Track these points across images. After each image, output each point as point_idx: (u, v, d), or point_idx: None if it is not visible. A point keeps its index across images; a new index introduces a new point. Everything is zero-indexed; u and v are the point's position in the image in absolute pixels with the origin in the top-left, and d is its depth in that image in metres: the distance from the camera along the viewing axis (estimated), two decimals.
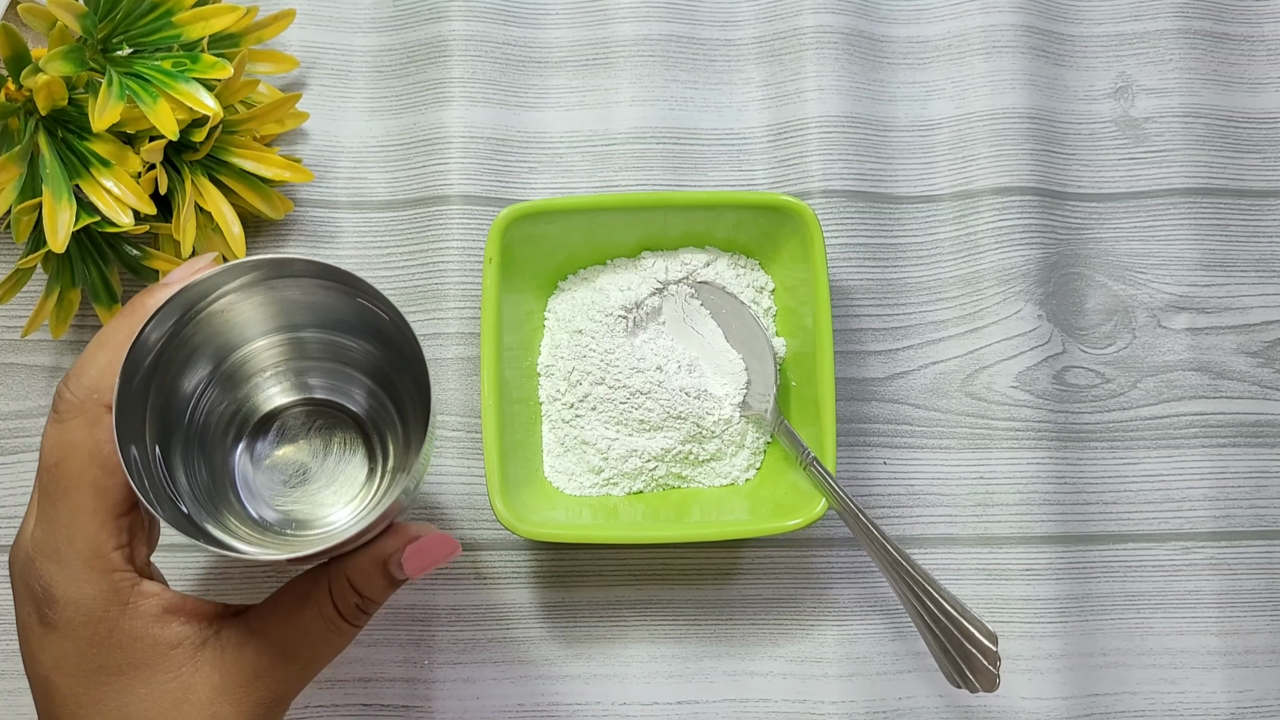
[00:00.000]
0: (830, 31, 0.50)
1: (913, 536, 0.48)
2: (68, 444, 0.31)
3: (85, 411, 0.31)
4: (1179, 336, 0.50)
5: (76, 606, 0.31)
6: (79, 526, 0.31)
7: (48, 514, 0.31)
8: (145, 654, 0.31)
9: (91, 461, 0.31)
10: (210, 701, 0.32)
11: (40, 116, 0.42)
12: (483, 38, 0.50)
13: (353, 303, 0.35)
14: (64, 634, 0.31)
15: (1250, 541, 0.48)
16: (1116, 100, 0.52)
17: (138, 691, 0.31)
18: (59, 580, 0.31)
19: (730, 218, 0.46)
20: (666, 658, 0.47)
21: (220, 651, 0.32)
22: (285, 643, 0.33)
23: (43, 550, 0.31)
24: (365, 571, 0.34)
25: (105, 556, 0.31)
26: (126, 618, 0.31)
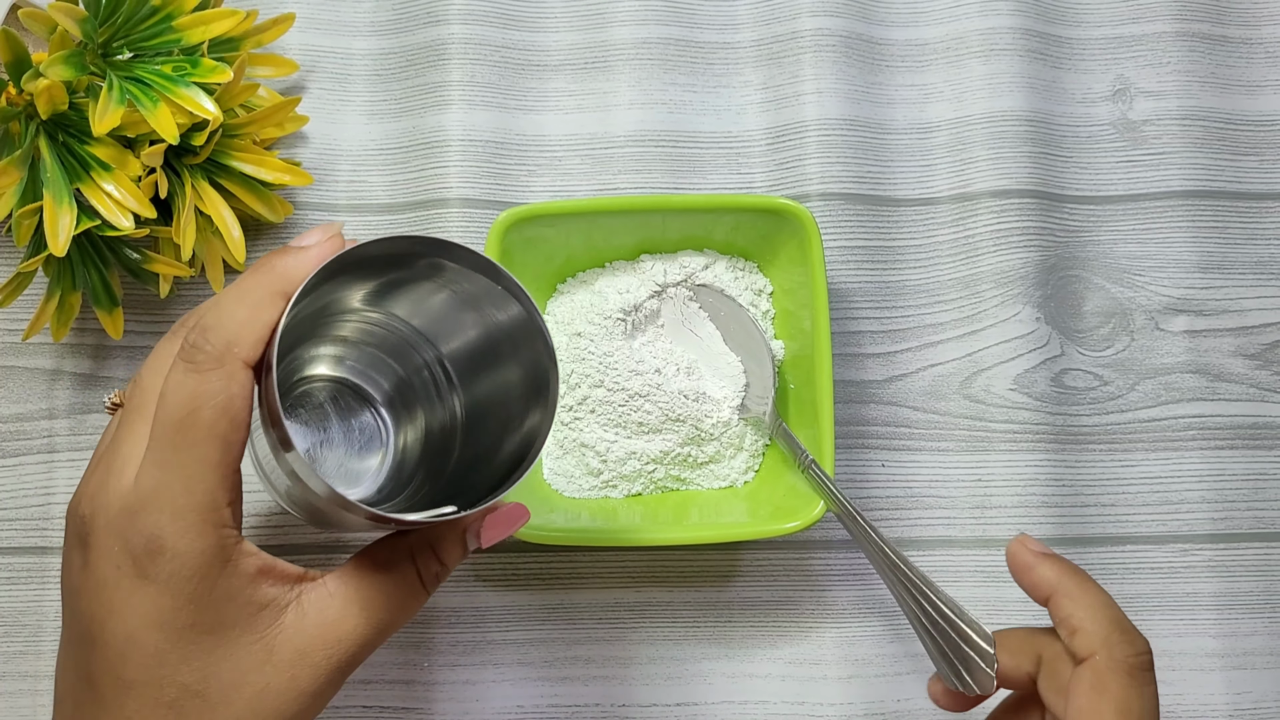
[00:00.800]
0: (828, 35, 0.50)
1: (911, 539, 0.48)
2: (204, 395, 0.31)
3: (224, 364, 0.31)
4: (1177, 339, 0.50)
5: (184, 560, 0.30)
6: (201, 479, 0.31)
7: (166, 463, 0.31)
8: (236, 614, 0.31)
9: (224, 415, 0.31)
10: (290, 664, 0.32)
11: (41, 121, 0.42)
12: (481, 41, 0.50)
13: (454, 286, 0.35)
14: (163, 588, 0.30)
15: (1248, 544, 0.48)
16: (1114, 103, 0.52)
17: (223, 651, 0.31)
18: (171, 532, 0.30)
19: (729, 221, 0.46)
20: (665, 660, 0.47)
21: (302, 615, 0.32)
22: (366, 608, 0.33)
23: (155, 501, 0.31)
24: (448, 539, 0.34)
25: (218, 511, 0.31)
26: (226, 576, 0.31)
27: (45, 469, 0.47)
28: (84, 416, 0.48)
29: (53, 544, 0.47)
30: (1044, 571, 0.36)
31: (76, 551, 0.32)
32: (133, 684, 0.31)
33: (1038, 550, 0.36)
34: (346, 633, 0.33)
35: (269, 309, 0.32)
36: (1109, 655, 0.33)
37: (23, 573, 0.47)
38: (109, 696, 0.31)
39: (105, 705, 0.31)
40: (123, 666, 0.31)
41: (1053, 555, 0.36)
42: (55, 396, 0.48)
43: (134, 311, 0.48)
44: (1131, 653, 0.33)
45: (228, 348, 0.31)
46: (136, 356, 0.48)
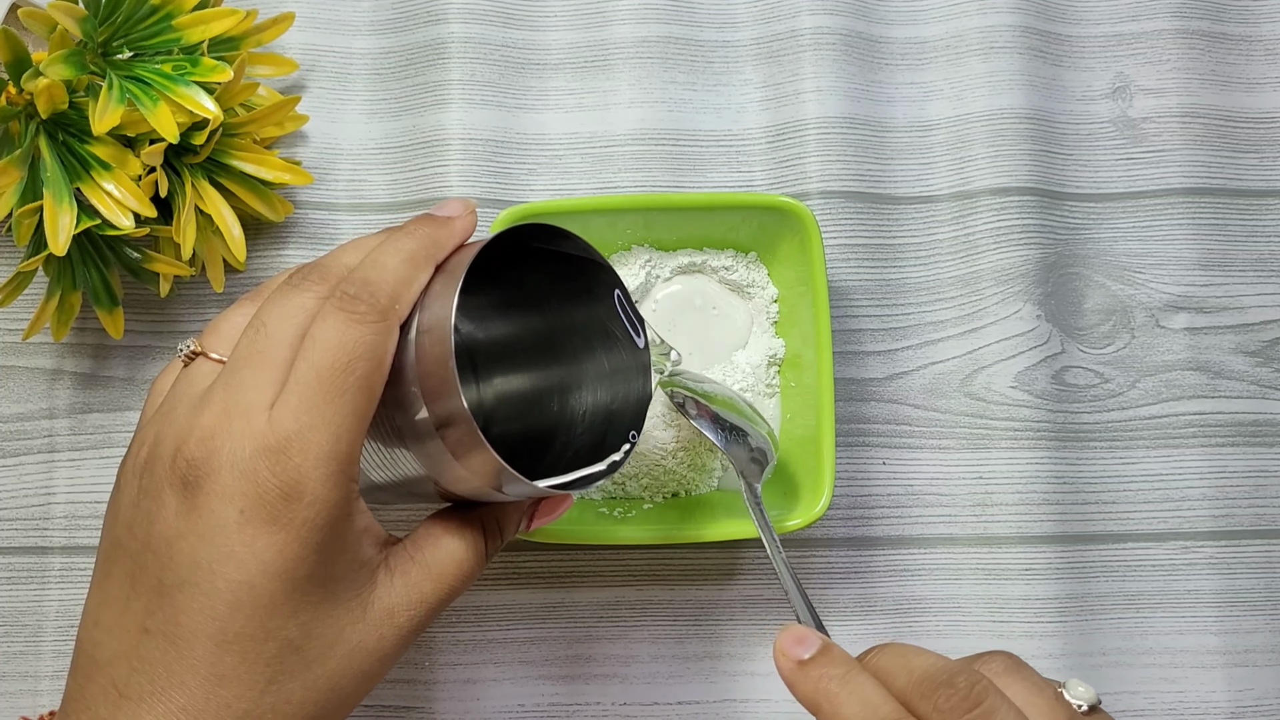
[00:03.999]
0: (828, 33, 0.50)
1: (912, 537, 0.48)
2: (365, 345, 0.31)
3: (387, 318, 0.31)
4: (1177, 336, 0.50)
5: (321, 507, 0.30)
6: (348, 429, 0.31)
7: (314, 409, 0.30)
8: (344, 568, 0.31)
9: (379, 369, 0.31)
10: (379, 623, 0.32)
11: (41, 120, 0.42)
12: (481, 40, 0.50)
13: None
14: (294, 535, 0.30)
15: (1249, 541, 0.48)
16: (1114, 100, 0.52)
17: (326, 606, 0.31)
18: (315, 477, 0.30)
19: (729, 219, 0.46)
20: (667, 658, 0.47)
21: (389, 575, 0.33)
22: (442, 573, 0.34)
23: (299, 445, 0.30)
24: (513, 516, 0.36)
25: (354, 463, 0.31)
26: (346, 528, 0.31)
27: (45, 469, 0.47)
28: (84, 416, 0.48)
29: (52, 544, 0.47)
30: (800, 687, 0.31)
31: (174, 496, 0.30)
32: (237, 637, 0.30)
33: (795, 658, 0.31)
34: (426, 594, 0.33)
35: (425, 271, 0.33)
36: None
37: (23, 573, 0.47)
38: (202, 651, 0.30)
39: (193, 660, 0.30)
40: (231, 617, 0.30)
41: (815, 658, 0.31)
42: (55, 396, 0.48)
43: (134, 311, 0.48)
44: None
45: (392, 302, 0.32)
46: (137, 356, 0.48)
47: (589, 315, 0.39)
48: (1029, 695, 0.30)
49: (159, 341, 0.48)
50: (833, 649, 0.31)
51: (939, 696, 0.28)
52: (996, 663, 0.31)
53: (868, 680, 0.30)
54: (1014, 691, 0.30)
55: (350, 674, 0.32)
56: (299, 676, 0.31)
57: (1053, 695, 0.30)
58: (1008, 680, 0.30)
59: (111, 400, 0.48)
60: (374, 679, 0.33)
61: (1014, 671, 0.30)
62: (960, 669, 0.29)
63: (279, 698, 0.30)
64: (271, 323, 0.32)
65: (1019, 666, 0.31)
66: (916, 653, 0.30)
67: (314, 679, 0.31)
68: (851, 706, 0.29)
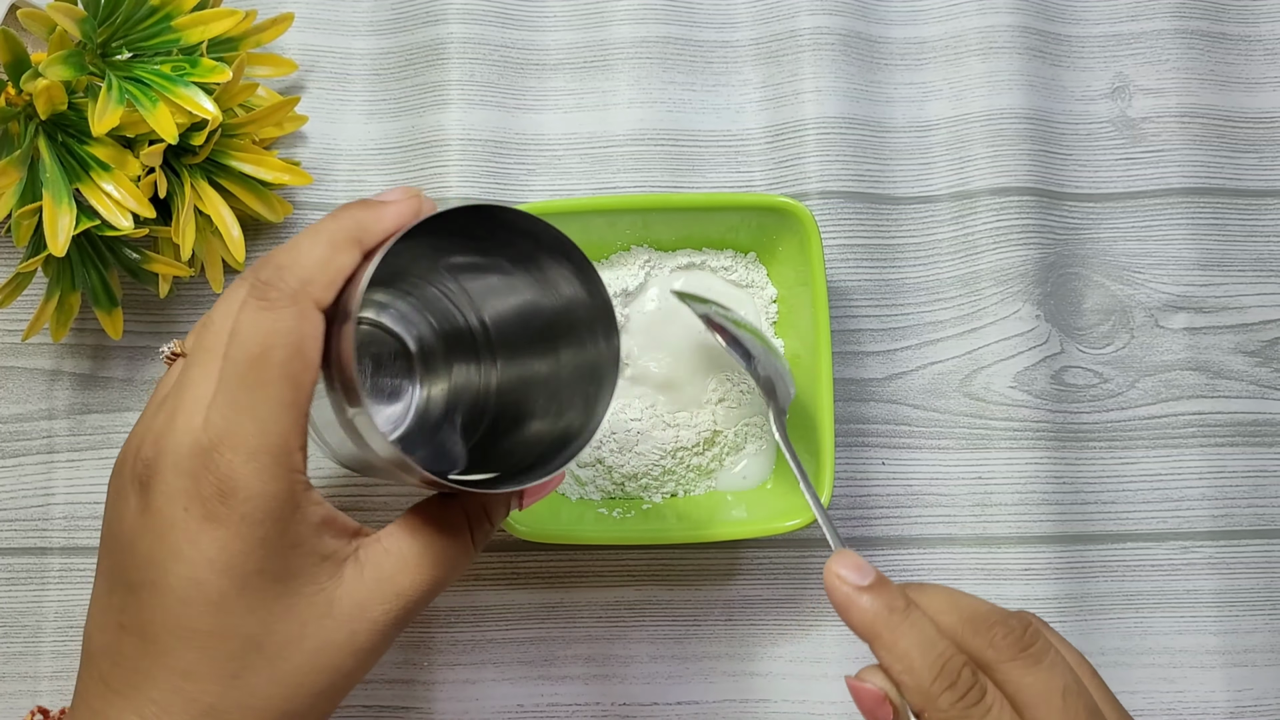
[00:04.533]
0: (827, 33, 0.50)
1: (911, 537, 0.48)
2: (278, 333, 0.30)
3: (300, 302, 0.30)
4: (1177, 336, 0.50)
5: (256, 502, 0.30)
6: (274, 420, 0.30)
7: (238, 403, 0.30)
8: (301, 563, 0.31)
9: (297, 354, 0.30)
10: (350, 618, 0.31)
11: (40, 121, 0.42)
12: (480, 40, 0.50)
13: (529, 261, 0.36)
14: (233, 531, 0.29)
15: (1249, 541, 0.48)
16: (1113, 100, 0.52)
17: (287, 602, 0.30)
18: (245, 473, 0.29)
19: (728, 219, 0.46)
20: (667, 658, 0.47)
21: (360, 569, 0.32)
22: (421, 564, 0.33)
23: (227, 440, 0.30)
24: (500, 501, 0.35)
25: (291, 454, 0.30)
26: (295, 521, 0.30)
27: (44, 469, 0.47)
28: (83, 417, 0.48)
29: (52, 544, 0.47)
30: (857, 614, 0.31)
31: (134, 495, 0.31)
32: (195, 633, 0.30)
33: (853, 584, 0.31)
34: (403, 588, 0.32)
35: (345, 254, 0.31)
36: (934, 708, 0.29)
37: (22, 573, 0.47)
38: (166, 646, 0.30)
39: (159, 656, 0.30)
40: (184, 613, 0.30)
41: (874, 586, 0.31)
42: (55, 397, 0.48)
43: (133, 312, 0.48)
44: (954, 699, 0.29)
45: (302, 285, 0.31)
46: (136, 357, 0.48)
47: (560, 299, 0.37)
48: (1064, 649, 0.31)
49: (158, 342, 0.48)
50: (887, 581, 0.31)
51: (995, 634, 0.29)
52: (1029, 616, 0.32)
53: (924, 616, 0.30)
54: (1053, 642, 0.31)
55: (321, 670, 0.31)
56: (263, 672, 0.30)
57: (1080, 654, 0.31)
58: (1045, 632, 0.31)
59: (110, 401, 0.48)
60: (353, 675, 0.32)
61: (1046, 627, 0.32)
62: (1009, 612, 0.30)
63: (244, 693, 0.30)
64: (215, 319, 0.32)
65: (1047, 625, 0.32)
66: (962, 594, 0.31)
67: (280, 675, 0.30)
68: (911, 639, 0.30)
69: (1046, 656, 0.29)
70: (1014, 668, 0.29)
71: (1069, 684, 0.28)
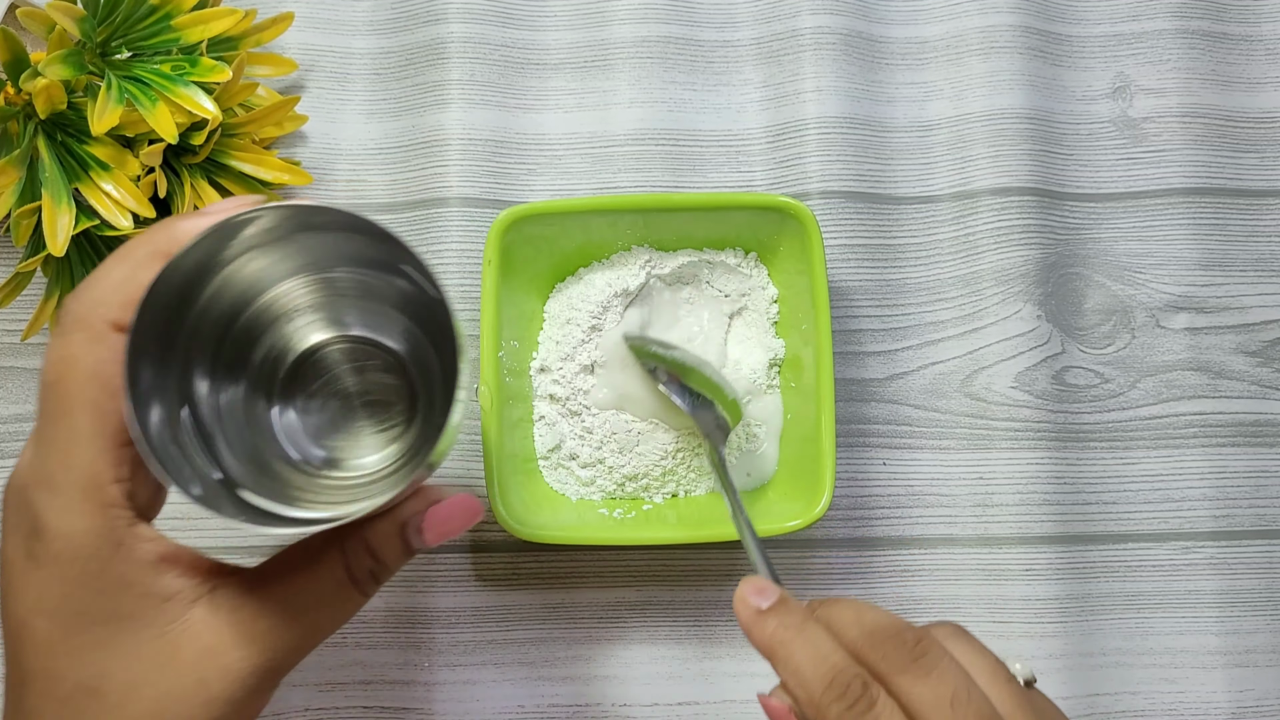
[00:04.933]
0: (828, 33, 0.50)
1: (912, 537, 0.48)
2: (68, 359, 0.28)
3: (90, 326, 0.28)
4: (1178, 336, 0.50)
5: (67, 540, 0.28)
6: (76, 451, 0.28)
7: (45, 437, 0.28)
8: (134, 604, 0.28)
9: (92, 380, 0.28)
10: (196, 664, 0.29)
11: (39, 120, 0.42)
12: (481, 40, 0.50)
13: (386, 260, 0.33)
14: (49, 570, 0.28)
15: (1250, 541, 0.48)
16: (1115, 100, 0.52)
17: (120, 645, 0.28)
18: (51, 509, 0.28)
19: (729, 219, 0.46)
20: (667, 659, 0.47)
21: (214, 610, 0.29)
22: (288, 606, 0.30)
23: (37, 476, 0.28)
24: (383, 535, 0.31)
25: (102, 489, 0.28)
26: (119, 560, 0.28)
27: None
28: None
29: None
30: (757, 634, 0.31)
31: None
32: (29, 674, 0.28)
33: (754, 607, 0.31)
34: (263, 632, 0.30)
35: (147, 269, 0.29)
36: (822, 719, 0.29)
37: None
38: (11, 686, 0.29)
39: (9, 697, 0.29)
40: (20, 654, 0.29)
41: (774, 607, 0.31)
42: None
43: None
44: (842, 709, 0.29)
45: (93, 307, 0.29)
46: None
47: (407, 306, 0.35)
48: (972, 656, 0.31)
49: None
50: (789, 601, 0.32)
51: (887, 647, 0.30)
52: (944, 629, 0.32)
53: (820, 630, 0.31)
54: (958, 652, 0.31)
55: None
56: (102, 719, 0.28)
57: (995, 660, 0.31)
58: (953, 643, 0.31)
59: None
60: None
61: (958, 635, 0.32)
62: (908, 625, 0.30)
63: None
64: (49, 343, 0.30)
65: (963, 633, 0.32)
66: (868, 608, 0.31)
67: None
68: (804, 654, 0.30)
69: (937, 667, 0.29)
70: (905, 679, 0.29)
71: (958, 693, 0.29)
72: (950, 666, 0.29)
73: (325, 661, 0.46)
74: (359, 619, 0.46)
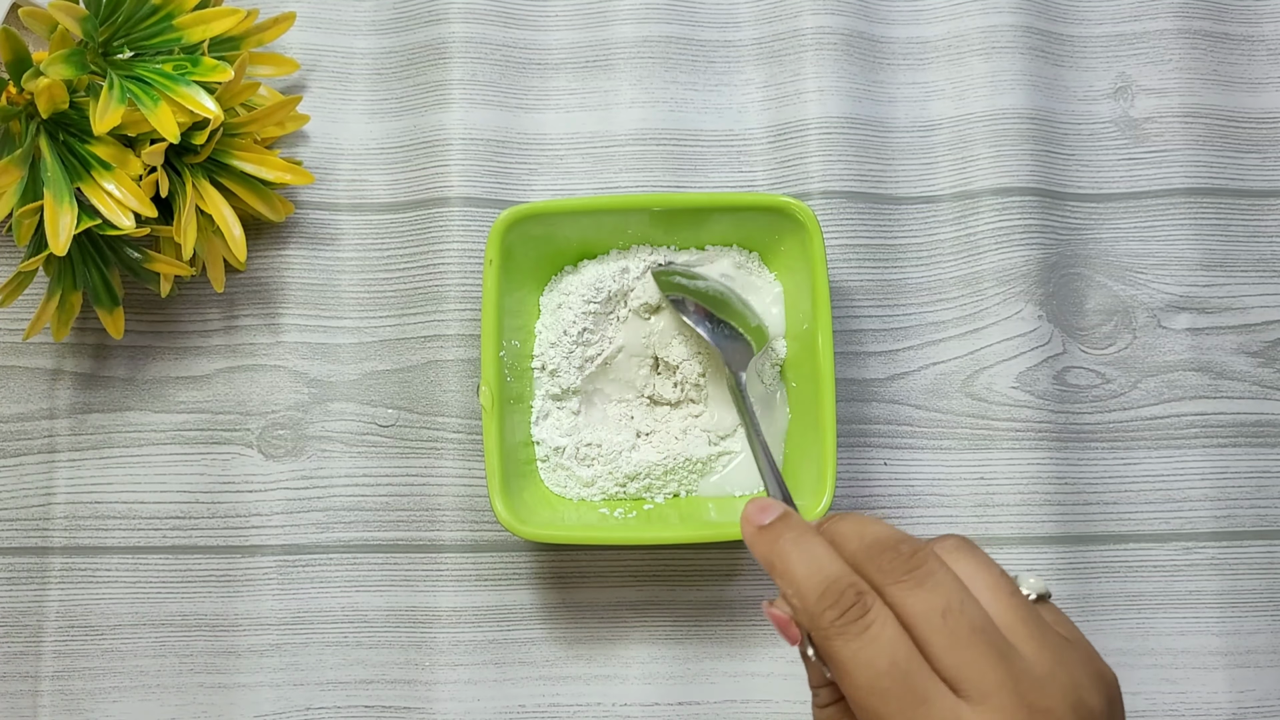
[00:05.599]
0: (830, 33, 0.50)
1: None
2: None
3: None
4: (1179, 337, 0.49)
5: None
6: None
7: None
8: None
9: None
10: None
11: (41, 120, 0.42)
12: (482, 40, 0.50)
13: None
14: None
15: (1251, 541, 0.48)
16: (1116, 100, 0.52)
17: None
18: None
19: (730, 219, 0.46)
20: (668, 659, 0.47)
21: None
22: None
23: None
24: None
25: None
26: None
27: (46, 469, 0.47)
28: (85, 416, 0.48)
29: (53, 544, 0.47)
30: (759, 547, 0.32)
31: None
32: None
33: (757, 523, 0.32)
34: None
35: None
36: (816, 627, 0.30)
37: (23, 573, 0.47)
38: None
39: None
40: None
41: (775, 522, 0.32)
42: (56, 396, 0.48)
43: (135, 311, 0.48)
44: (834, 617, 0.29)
45: None
46: (137, 356, 0.48)
47: None
48: (975, 570, 0.30)
49: (159, 342, 0.48)
50: (792, 515, 0.32)
51: (883, 558, 0.30)
52: (949, 541, 0.32)
53: (819, 542, 0.31)
54: (961, 565, 0.30)
55: None
56: None
57: (999, 573, 0.31)
58: (957, 556, 0.31)
59: (112, 400, 0.48)
60: None
61: (964, 549, 0.31)
62: (907, 538, 0.30)
63: None
64: None
65: (970, 546, 0.32)
66: (872, 521, 0.31)
67: None
68: (801, 564, 0.30)
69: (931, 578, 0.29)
70: (898, 590, 0.29)
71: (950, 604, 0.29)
72: (945, 578, 0.29)
73: (327, 661, 0.46)
74: (360, 618, 0.46)
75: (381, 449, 0.48)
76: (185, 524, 0.47)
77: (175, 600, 0.47)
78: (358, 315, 0.49)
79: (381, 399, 0.48)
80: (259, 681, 0.46)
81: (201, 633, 0.46)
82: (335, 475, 0.48)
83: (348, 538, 0.47)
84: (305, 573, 0.47)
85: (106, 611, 0.47)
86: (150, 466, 0.47)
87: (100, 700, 0.46)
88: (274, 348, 0.48)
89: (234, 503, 0.47)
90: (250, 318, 0.49)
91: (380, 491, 0.47)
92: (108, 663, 0.46)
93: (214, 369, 0.48)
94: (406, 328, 0.48)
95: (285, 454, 0.48)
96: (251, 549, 0.47)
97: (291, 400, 0.48)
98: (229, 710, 0.46)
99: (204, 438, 0.48)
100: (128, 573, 0.47)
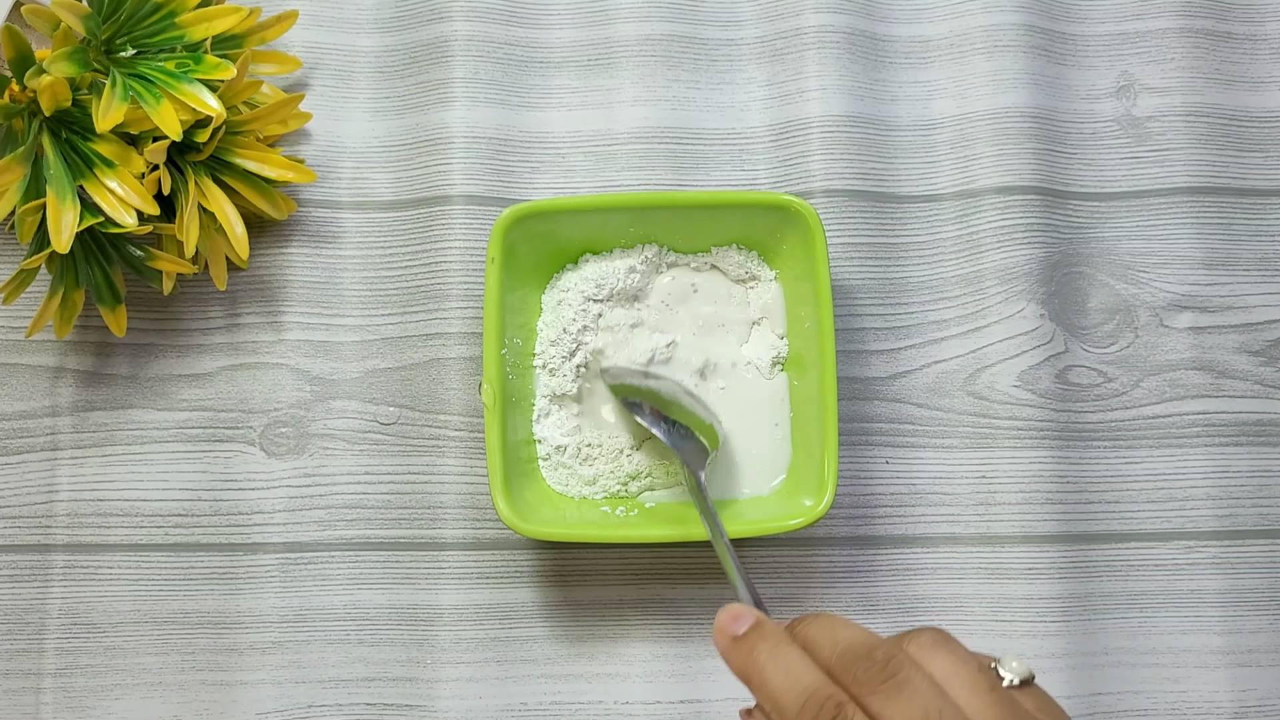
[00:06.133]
0: (832, 31, 0.50)
1: (915, 536, 0.48)
2: None
3: None
4: (1181, 335, 0.49)
5: None
6: None
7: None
8: None
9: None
10: None
11: (44, 117, 0.42)
12: (485, 38, 0.50)
13: None
14: None
15: (1253, 540, 0.48)
16: (1119, 99, 0.52)
17: None
18: None
19: (732, 217, 0.46)
20: (669, 657, 0.47)
21: None
22: None
23: None
24: None
25: None
26: None
27: (48, 466, 0.47)
28: (87, 414, 0.48)
29: (55, 542, 0.47)
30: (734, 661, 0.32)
31: None
32: None
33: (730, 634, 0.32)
34: None
35: None
36: None
37: (25, 570, 0.47)
38: None
39: None
40: None
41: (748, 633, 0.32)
42: (58, 394, 0.48)
43: (137, 309, 0.48)
44: None
45: None
46: (140, 354, 0.48)
47: None
48: (952, 667, 0.30)
49: (162, 339, 0.48)
50: (765, 624, 0.32)
51: (858, 668, 0.30)
52: (924, 637, 0.31)
53: (794, 652, 0.31)
54: (937, 664, 0.30)
55: None
56: None
57: (976, 667, 0.30)
58: (932, 654, 0.31)
59: (114, 398, 0.48)
60: None
61: (939, 645, 0.31)
62: (880, 643, 0.30)
63: None
64: None
65: (945, 640, 0.31)
66: (844, 625, 0.31)
67: None
68: (778, 677, 0.30)
69: (907, 687, 0.29)
70: (876, 699, 0.29)
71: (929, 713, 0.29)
72: (920, 685, 0.29)
73: (329, 658, 0.46)
74: (362, 616, 0.47)
75: (383, 447, 0.48)
76: (187, 521, 0.47)
77: (177, 598, 0.47)
78: (360, 313, 0.49)
79: (383, 397, 0.48)
80: (261, 679, 0.46)
81: (204, 630, 0.46)
82: (337, 473, 0.48)
83: (350, 535, 0.47)
84: (307, 570, 0.47)
85: (109, 609, 0.47)
86: (152, 464, 0.48)
87: (102, 697, 0.46)
88: (276, 345, 0.48)
89: (236, 500, 0.47)
90: (252, 315, 0.49)
91: (382, 489, 0.47)
92: (110, 660, 0.46)
93: (216, 367, 0.48)
94: (408, 326, 0.48)
95: (287, 452, 0.48)
96: (253, 547, 0.47)
97: (294, 398, 0.48)
98: (231, 708, 0.46)
99: (206, 435, 0.48)
100: (130, 570, 0.47)
